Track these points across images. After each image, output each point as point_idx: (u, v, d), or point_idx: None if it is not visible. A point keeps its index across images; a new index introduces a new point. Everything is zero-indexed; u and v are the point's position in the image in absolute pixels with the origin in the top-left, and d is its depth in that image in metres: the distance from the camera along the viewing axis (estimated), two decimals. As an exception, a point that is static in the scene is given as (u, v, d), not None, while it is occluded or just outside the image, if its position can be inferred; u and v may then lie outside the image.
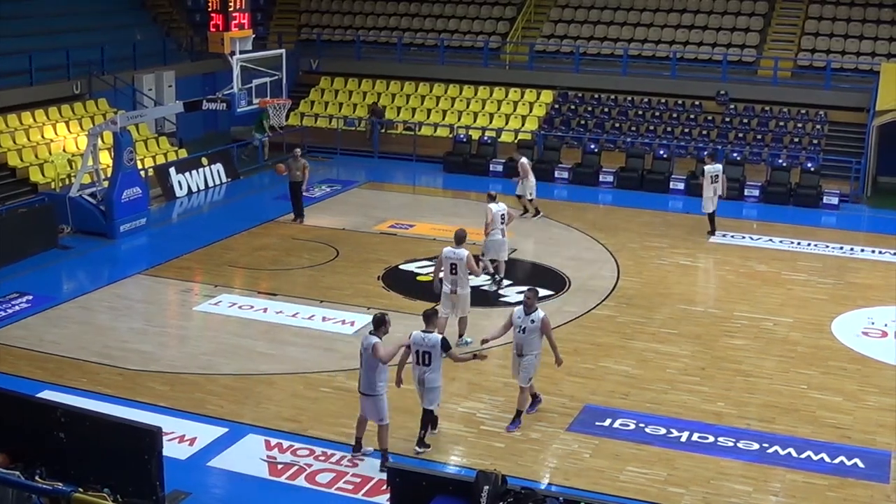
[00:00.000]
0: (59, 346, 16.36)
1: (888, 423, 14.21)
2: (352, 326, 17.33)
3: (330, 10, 37.44)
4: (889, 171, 28.33)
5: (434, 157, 30.22)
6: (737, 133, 30.01)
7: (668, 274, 20.65)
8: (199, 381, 15.24)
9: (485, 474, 9.31)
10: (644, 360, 16.21)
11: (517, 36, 34.28)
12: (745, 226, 24.50)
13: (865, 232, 24.62)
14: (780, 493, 12.40)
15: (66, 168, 24.64)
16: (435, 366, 12.75)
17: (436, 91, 33.37)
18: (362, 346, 12.60)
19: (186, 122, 30.15)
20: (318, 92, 34.42)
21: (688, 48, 32.62)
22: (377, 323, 12.67)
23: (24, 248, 20.69)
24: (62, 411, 11.26)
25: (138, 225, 22.92)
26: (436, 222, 23.98)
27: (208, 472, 12.67)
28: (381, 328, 12.64)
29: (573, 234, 23.36)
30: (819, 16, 32.53)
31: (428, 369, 12.77)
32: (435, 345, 12.69)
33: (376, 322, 12.68)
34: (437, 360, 12.72)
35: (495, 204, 19.28)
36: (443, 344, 12.74)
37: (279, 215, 24.27)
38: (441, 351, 12.70)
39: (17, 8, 28.88)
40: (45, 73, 27.38)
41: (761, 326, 17.78)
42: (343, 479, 12.40)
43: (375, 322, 12.70)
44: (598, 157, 28.77)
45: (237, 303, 18.53)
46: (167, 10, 34.98)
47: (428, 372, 12.78)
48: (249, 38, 24.16)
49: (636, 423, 14.02)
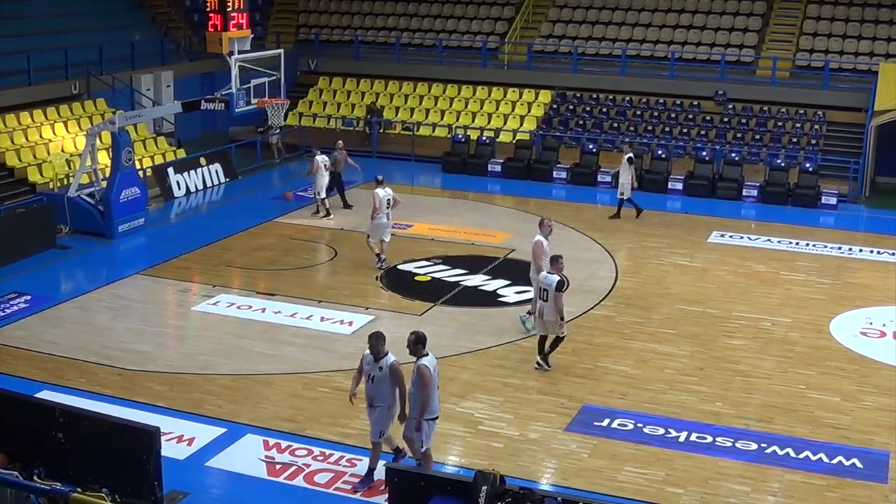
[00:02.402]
0: (58, 346, 16.35)
1: (886, 424, 14.21)
2: (350, 326, 17.33)
3: (328, 10, 37.44)
4: (887, 172, 28.34)
5: (432, 157, 30.23)
6: (735, 133, 30.03)
7: (666, 274, 20.66)
8: (198, 381, 15.24)
9: (483, 474, 9.30)
10: (642, 360, 16.21)
11: (515, 36, 34.29)
12: (743, 226, 24.51)
13: (864, 232, 24.63)
14: (779, 493, 12.40)
15: (65, 168, 24.63)
16: (550, 301, 15.26)
17: (434, 91, 33.38)
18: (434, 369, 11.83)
19: (185, 122, 30.16)
20: (316, 92, 34.42)
21: (686, 48, 32.63)
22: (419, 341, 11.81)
23: (23, 248, 20.68)
24: (60, 411, 11.25)
25: (137, 225, 22.91)
26: (434, 222, 23.99)
27: (206, 472, 12.66)
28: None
29: (571, 234, 23.36)
30: (817, 16, 32.55)
31: (546, 305, 15.36)
32: (552, 283, 15.27)
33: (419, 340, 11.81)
34: (552, 296, 15.29)
35: (382, 189, 20.05)
36: (558, 284, 15.28)
37: (278, 215, 24.27)
38: (555, 289, 15.26)
39: (16, 8, 28.87)
40: (44, 73, 27.39)
41: (760, 326, 17.79)
42: (341, 480, 12.39)
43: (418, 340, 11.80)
44: (596, 157, 28.78)
45: (235, 303, 18.52)
46: (165, 10, 34.99)
47: (546, 307, 15.37)
48: (248, 39, 24.14)
49: (634, 423, 14.02)
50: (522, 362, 15.98)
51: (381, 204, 19.89)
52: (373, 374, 11.79)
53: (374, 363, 11.78)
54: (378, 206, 19.87)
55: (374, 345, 11.80)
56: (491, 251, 21.81)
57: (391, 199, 20.12)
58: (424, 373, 11.59)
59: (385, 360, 11.74)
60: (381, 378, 11.72)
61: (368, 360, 11.86)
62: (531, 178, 28.69)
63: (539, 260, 16.68)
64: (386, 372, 11.71)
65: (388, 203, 20.02)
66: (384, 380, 11.73)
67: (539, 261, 16.66)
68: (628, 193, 24.32)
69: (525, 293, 19.12)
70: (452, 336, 17.04)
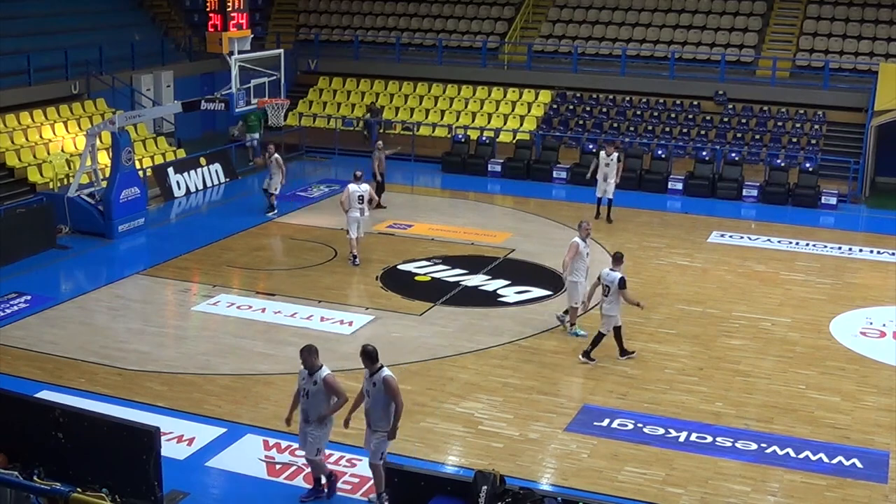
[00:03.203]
0: (58, 346, 16.35)
1: (886, 424, 14.21)
2: (350, 327, 17.33)
3: (328, 10, 37.44)
4: (887, 172, 28.35)
5: (432, 157, 30.23)
6: (735, 133, 30.03)
7: (666, 274, 20.66)
8: (198, 381, 15.24)
9: (483, 474, 9.31)
10: (642, 360, 16.21)
11: (515, 36, 34.29)
12: (743, 226, 24.51)
13: (864, 232, 24.63)
14: (779, 493, 12.40)
15: (65, 168, 24.62)
16: (612, 298, 15.63)
17: (434, 91, 33.38)
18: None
19: (185, 122, 30.16)
20: (316, 92, 34.42)
21: (686, 48, 32.63)
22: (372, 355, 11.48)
23: (23, 248, 20.67)
24: (60, 411, 11.25)
25: (136, 225, 22.90)
26: (434, 222, 23.99)
27: (206, 472, 12.67)
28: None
29: (571, 234, 23.28)
30: (817, 16, 32.55)
31: (606, 300, 15.73)
32: (614, 280, 15.60)
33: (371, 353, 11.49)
34: (614, 293, 15.62)
35: (356, 184, 20.38)
36: (620, 282, 15.55)
37: (277, 215, 24.27)
38: (618, 287, 15.58)
39: (16, 8, 28.86)
40: (44, 73, 27.38)
41: (759, 326, 17.79)
42: (341, 479, 12.39)
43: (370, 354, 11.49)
44: (596, 157, 28.71)
45: (235, 303, 18.52)
46: (165, 10, 34.99)
47: (605, 302, 15.76)
48: (248, 39, 24.14)
49: (634, 423, 14.02)
50: (522, 362, 15.99)
51: (348, 198, 20.13)
52: (307, 389, 11.48)
53: (308, 378, 11.47)
54: (344, 199, 20.22)
55: (306, 359, 11.48)
56: (491, 251, 21.81)
57: (363, 195, 20.31)
58: (392, 382, 11.30)
59: (319, 373, 11.41)
60: (316, 392, 11.43)
61: (303, 374, 11.55)
62: (531, 178, 28.69)
63: (569, 259, 16.87)
64: (320, 386, 11.38)
65: (359, 199, 20.20)
66: (319, 393, 11.43)
67: (569, 259, 16.86)
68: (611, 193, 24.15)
69: (525, 293, 19.14)
70: (452, 336, 17.04)
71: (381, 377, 11.36)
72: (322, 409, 11.54)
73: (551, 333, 17.19)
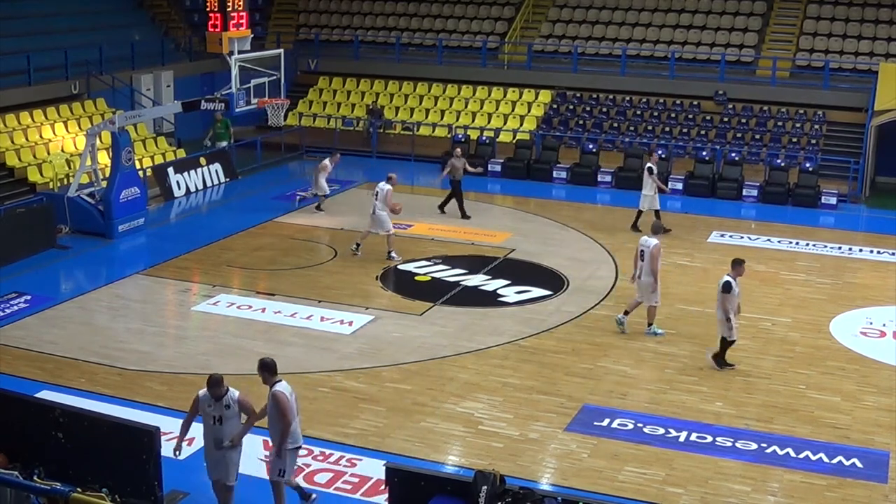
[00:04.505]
0: (58, 346, 16.34)
1: (886, 423, 14.21)
2: (350, 326, 17.32)
3: (328, 10, 37.44)
4: (887, 172, 28.34)
5: (432, 157, 30.20)
6: (735, 133, 30.04)
7: (666, 274, 20.53)
8: (198, 381, 15.15)
9: (483, 474, 9.32)
10: (642, 359, 16.21)
11: (515, 36, 34.29)
12: (743, 226, 24.50)
13: (864, 232, 24.62)
14: (779, 493, 12.40)
15: (65, 168, 24.62)
16: (718, 302, 15.69)
17: (434, 91, 33.38)
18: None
19: (185, 122, 30.13)
20: (316, 92, 34.43)
21: (686, 48, 32.64)
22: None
23: (23, 247, 20.66)
24: (60, 411, 11.27)
25: (136, 225, 22.90)
26: (434, 222, 23.98)
27: (207, 472, 12.63)
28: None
29: (571, 233, 23.36)
30: (817, 16, 32.56)
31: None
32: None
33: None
34: (719, 296, 15.67)
35: (383, 182, 21.09)
36: (725, 286, 15.60)
37: (277, 215, 24.28)
38: (721, 290, 15.63)
39: (16, 8, 28.86)
40: (44, 72, 27.37)
41: (760, 326, 17.78)
42: (341, 479, 12.40)
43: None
44: (596, 156, 28.76)
45: (235, 303, 18.52)
46: (165, 10, 34.99)
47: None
48: (248, 38, 24.14)
49: (634, 422, 14.02)
50: (522, 362, 15.98)
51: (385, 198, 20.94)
52: (219, 415, 10.99)
53: (216, 403, 10.98)
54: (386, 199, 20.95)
55: (215, 391, 10.93)
56: (491, 251, 21.80)
57: (378, 192, 20.90)
58: (280, 398, 10.96)
59: (229, 395, 11.00)
60: (232, 416, 11.00)
61: (208, 402, 11.01)
62: (531, 178, 28.66)
63: (656, 263, 17.03)
64: (235, 408, 10.98)
65: (374, 195, 21.01)
66: (234, 416, 11.03)
67: (656, 263, 17.02)
68: (654, 205, 22.93)
69: (525, 293, 19.13)
70: (452, 336, 17.04)
71: (272, 391, 11.02)
72: (236, 430, 11.11)
73: (551, 333, 17.20)
